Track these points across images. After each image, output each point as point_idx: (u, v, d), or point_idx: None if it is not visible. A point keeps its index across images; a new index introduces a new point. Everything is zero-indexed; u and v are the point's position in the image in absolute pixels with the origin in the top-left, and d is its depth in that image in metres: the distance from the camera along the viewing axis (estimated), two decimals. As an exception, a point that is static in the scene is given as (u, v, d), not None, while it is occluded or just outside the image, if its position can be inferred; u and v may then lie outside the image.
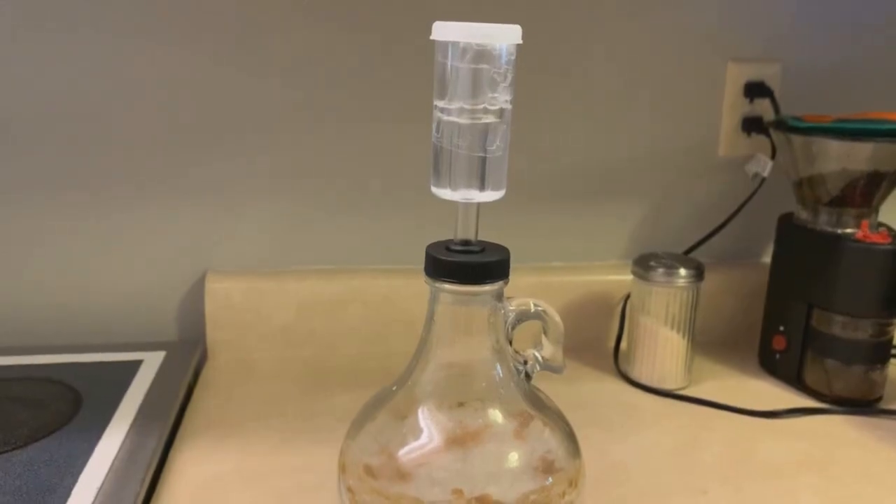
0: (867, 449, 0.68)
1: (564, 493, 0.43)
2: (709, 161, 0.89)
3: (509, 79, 0.41)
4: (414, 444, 0.43)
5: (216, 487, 0.60)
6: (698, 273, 0.77)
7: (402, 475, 0.41)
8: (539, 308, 0.46)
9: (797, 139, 0.76)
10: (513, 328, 0.45)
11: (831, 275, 0.74)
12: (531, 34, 0.43)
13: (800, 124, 0.76)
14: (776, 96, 0.85)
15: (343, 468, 0.44)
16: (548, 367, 0.47)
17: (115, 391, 0.70)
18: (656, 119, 0.87)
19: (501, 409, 0.44)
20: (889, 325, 0.74)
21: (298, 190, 0.82)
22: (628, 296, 0.83)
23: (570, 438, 0.45)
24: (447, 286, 0.43)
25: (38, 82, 0.76)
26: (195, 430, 0.68)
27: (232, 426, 0.69)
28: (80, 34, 0.75)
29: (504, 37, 0.41)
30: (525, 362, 0.46)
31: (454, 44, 0.41)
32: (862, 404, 0.75)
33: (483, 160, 0.42)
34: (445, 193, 0.43)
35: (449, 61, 0.41)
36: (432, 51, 0.42)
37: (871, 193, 0.75)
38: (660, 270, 0.77)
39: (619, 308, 0.86)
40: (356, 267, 0.85)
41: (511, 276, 0.44)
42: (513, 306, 0.45)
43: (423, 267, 0.43)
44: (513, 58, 0.41)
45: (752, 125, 0.87)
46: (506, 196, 0.43)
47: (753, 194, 0.87)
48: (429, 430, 0.43)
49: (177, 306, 0.84)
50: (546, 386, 0.47)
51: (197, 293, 0.83)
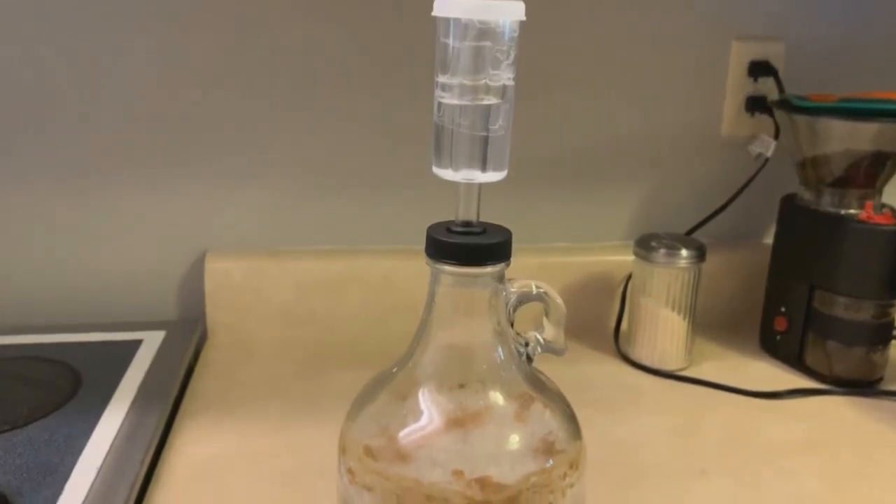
0: (867, 429, 0.68)
1: (565, 475, 0.43)
2: (711, 141, 0.88)
3: (512, 56, 0.41)
4: (414, 426, 0.42)
5: (216, 467, 0.60)
6: (700, 254, 0.77)
7: (403, 456, 0.41)
8: (541, 290, 0.46)
9: (801, 119, 0.75)
10: (514, 310, 0.45)
11: (834, 256, 0.74)
12: (533, 12, 0.43)
13: (804, 104, 0.76)
14: (780, 75, 0.85)
15: (343, 449, 0.44)
16: (549, 350, 0.46)
17: (115, 371, 0.70)
18: (659, 98, 0.86)
19: (502, 391, 0.44)
20: (891, 307, 0.74)
21: (299, 169, 0.82)
22: (629, 277, 0.82)
23: (571, 420, 0.45)
24: (448, 268, 0.42)
25: (37, 64, 0.75)
26: (195, 410, 0.68)
27: (232, 406, 0.69)
28: (84, 14, 0.74)
29: (507, 13, 0.40)
30: (526, 344, 0.46)
31: (456, 20, 0.40)
32: (862, 385, 0.75)
33: (485, 140, 0.41)
34: (447, 174, 0.42)
35: (451, 39, 0.40)
36: (435, 29, 0.41)
37: (875, 174, 0.74)
38: (661, 251, 0.76)
39: (621, 289, 0.86)
40: (357, 247, 0.85)
41: (512, 258, 0.44)
42: (514, 288, 0.45)
43: (424, 248, 0.43)
44: (515, 35, 0.41)
45: (756, 105, 0.86)
46: (507, 177, 0.43)
47: (756, 174, 0.86)
48: (429, 412, 0.43)
49: (177, 286, 0.83)
50: (547, 367, 0.47)
51: (197, 273, 0.83)
